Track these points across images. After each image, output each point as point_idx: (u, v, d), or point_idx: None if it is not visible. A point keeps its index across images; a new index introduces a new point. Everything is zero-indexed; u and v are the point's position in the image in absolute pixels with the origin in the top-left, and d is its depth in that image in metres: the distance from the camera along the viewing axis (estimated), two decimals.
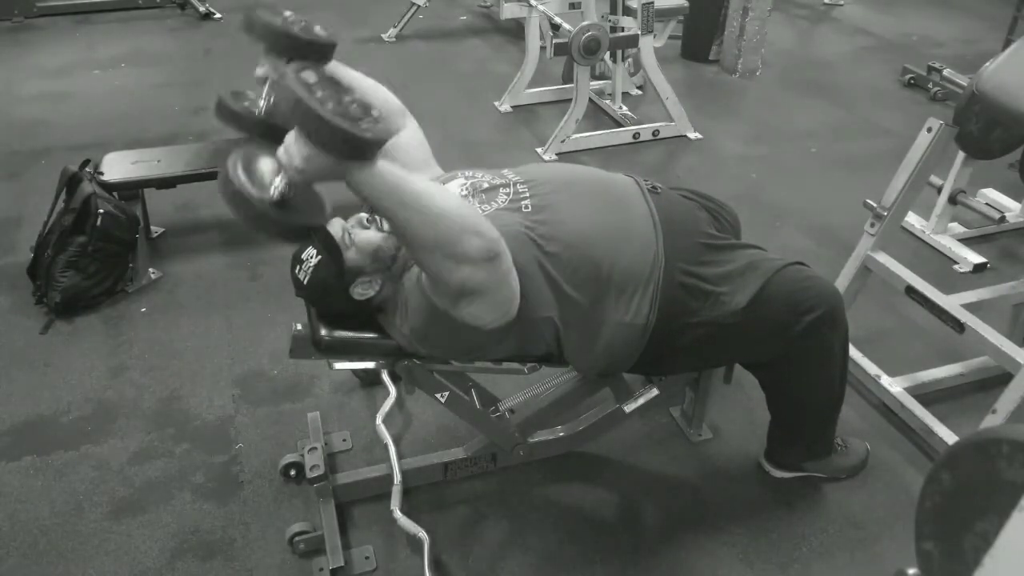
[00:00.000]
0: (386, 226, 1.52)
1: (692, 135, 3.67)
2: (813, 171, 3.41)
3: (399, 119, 1.63)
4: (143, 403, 2.14)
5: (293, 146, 1.14)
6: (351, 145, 1.12)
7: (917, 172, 2.00)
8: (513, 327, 1.44)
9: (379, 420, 1.95)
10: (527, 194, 1.53)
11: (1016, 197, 2.96)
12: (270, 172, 1.20)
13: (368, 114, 1.15)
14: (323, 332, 1.53)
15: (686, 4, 4.03)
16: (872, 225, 2.11)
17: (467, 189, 1.55)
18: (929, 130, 1.97)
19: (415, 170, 1.62)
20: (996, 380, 2.05)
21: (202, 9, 5.24)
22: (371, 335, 1.55)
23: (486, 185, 1.55)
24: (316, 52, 1.31)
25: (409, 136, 1.64)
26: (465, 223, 1.28)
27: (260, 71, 1.34)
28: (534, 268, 1.43)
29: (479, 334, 1.43)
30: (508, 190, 1.54)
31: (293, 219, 1.20)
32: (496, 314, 1.40)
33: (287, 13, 1.35)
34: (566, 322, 1.48)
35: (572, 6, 3.79)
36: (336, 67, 1.42)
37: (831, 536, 1.77)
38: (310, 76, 1.15)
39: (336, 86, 1.18)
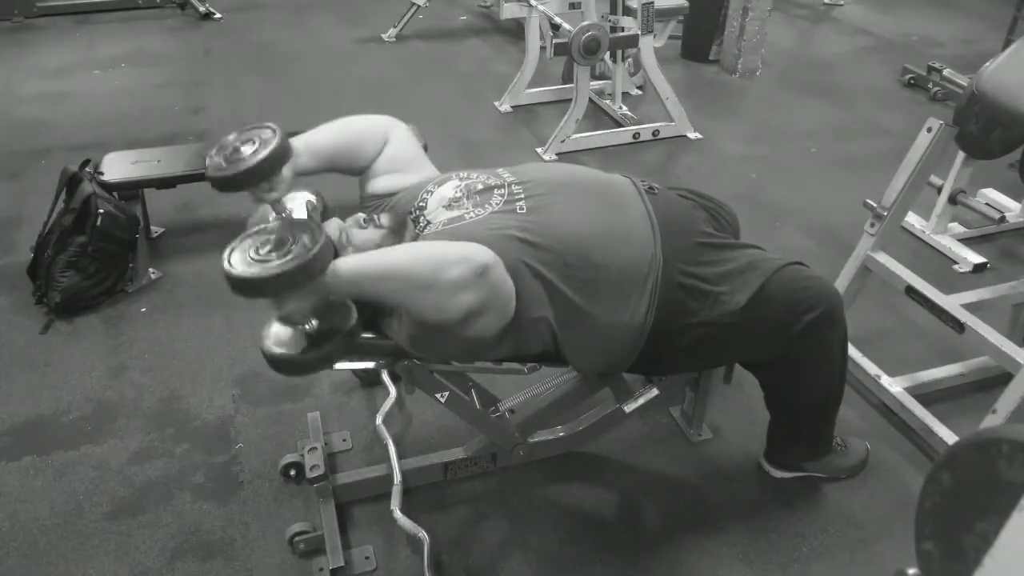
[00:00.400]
0: (383, 223, 1.53)
1: (692, 135, 3.67)
2: (813, 171, 3.41)
3: (377, 139, 1.66)
4: (143, 403, 2.14)
5: (273, 305, 1.29)
6: (297, 278, 1.19)
7: (917, 172, 2.00)
8: (508, 329, 1.44)
9: (379, 420, 1.95)
10: (522, 195, 1.53)
11: (1016, 197, 2.96)
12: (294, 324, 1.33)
13: (304, 230, 1.23)
14: None
15: (686, 4, 4.02)
16: (872, 225, 2.11)
17: (461, 191, 1.55)
18: (929, 130, 1.97)
19: (409, 172, 1.64)
20: (996, 380, 2.05)
21: (202, 9, 5.24)
22: (371, 335, 1.55)
23: (480, 187, 1.55)
24: (255, 179, 1.36)
25: (397, 144, 1.67)
26: (439, 259, 1.33)
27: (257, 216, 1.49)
28: (525, 269, 1.43)
29: (475, 339, 1.43)
30: (503, 191, 1.54)
31: (335, 343, 1.30)
32: (499, 319, 1.41)
33: (224, 149, 1.38)
34: (563, 322, 1.48)
35: (572, 6, 3.79)
36: (303, 144, 1.47)
37: (831, 536, 1.77)
38: (244, 243, 1.29)
39: (262, 232, 1.28)
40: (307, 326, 1.29)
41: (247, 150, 1.35)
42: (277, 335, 1.31)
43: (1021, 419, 1.81)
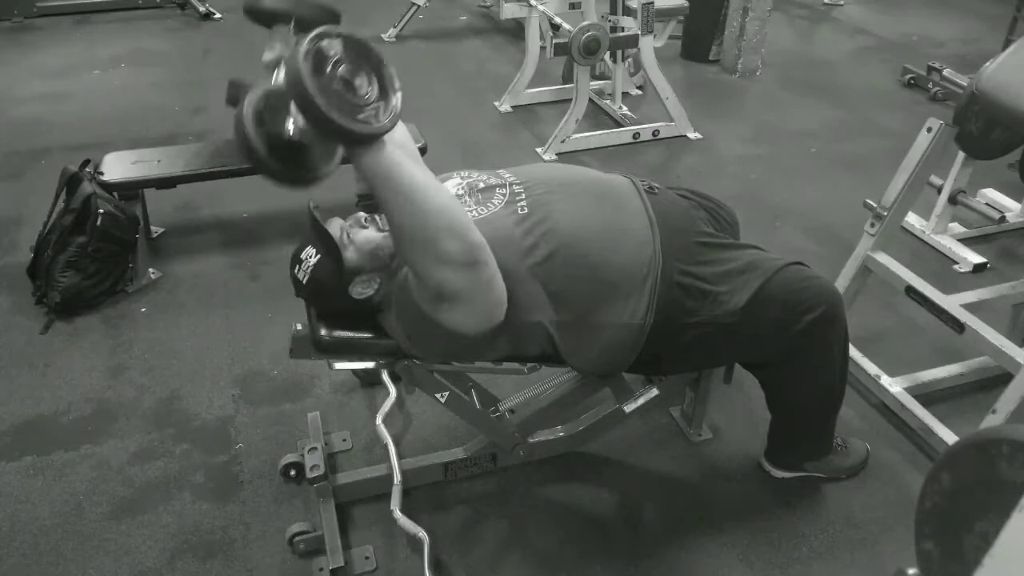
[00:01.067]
0: (385, 224, 1.53)
1: (692, 135, 3.67)
2: (813, 171, 3.41)
3: None
4: (143, 403, 2.14)
5: (296, 119, 1.17)
6: (341, 136, 1.12)
7: (917, 172, 2.00)
8: (504, 330, 1.43)
9: (379, 420, 1.95)
10: (523, 195, 1.53)
11: (1016, 197, 2.96)
12: (288, 112, 1.19)
13: (381, 98, 1.13)
14: (323, 332, 1.54)
15: (686, 4, 4.02)
16: (872, 225, 2.11)
17: (463, 189, 1.55)
18: (929, 130, 1.97)
19: None
20: (996, 380, 2.05)
21: (202, 9, 5.24)
22: (371, 335, 1.55)
23: (482, 186, 1.55)
24: (319, 17, 1.26)
25: (400, 134, 1.64)
26: (451, 223, 1.28)
27: (268, 56, 1.31)
28: (524, 272, 1.42)
29: (460, 340, 1.43)
30: (504, 191, 1.54)
31: (295, 170, 1.20)
32: (477, 320, 1.40)
33: None
34: (562, 323, 1.48)
35: (572, 6, 3.79)
36: None
37: (831, 536, 1.77)
38: (332, 46, 1.11)
39: (358, 60, 1.14)
40: (292, 131, 1.18)
41: None
42: (260, 109, 1.18)
43: (1021, 419, 1.81)
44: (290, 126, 1.17)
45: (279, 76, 1.27)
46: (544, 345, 1.51)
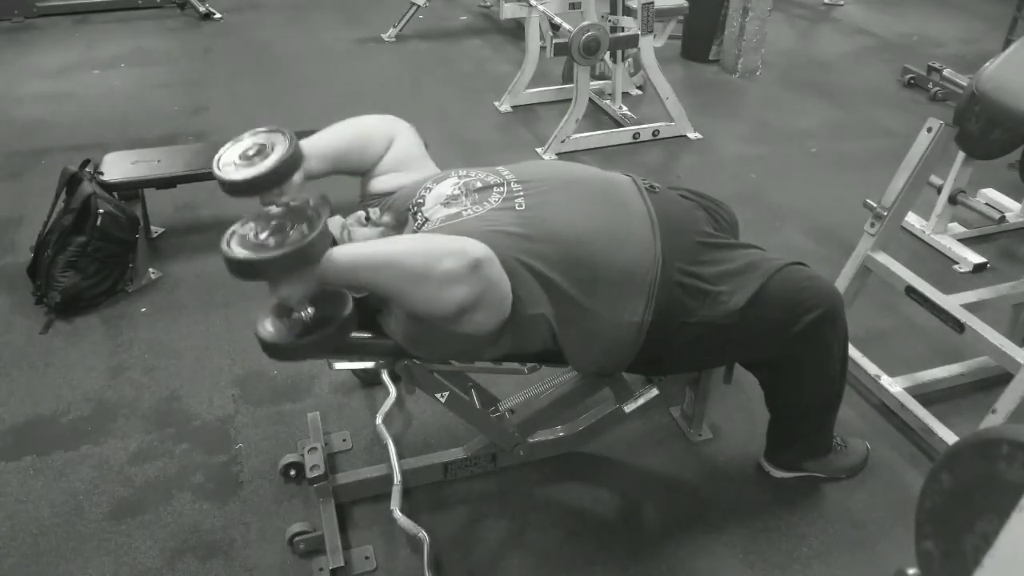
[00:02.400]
0: (380, 219, 1.53)
1: (692, 135, 3.67)
2: (813, 171, 3.41)
3: (382, 140, 1.67)
4: (143, 403, 2.14)
5: (270, 289, 1.27)
6: (293, 262, 1.20)
7: (917, 172, 2.00)
8: (507, 325, 1.43)
9: (379, 420, 1.95)
10: (521, 193, 1.52)
11: (1016, 197, 2.96)
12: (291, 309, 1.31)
13: (303, 218, 1.23)
14: None
15: (686, 4, 4.02)
16: (872, 225, 2.11)
17: (460, 188, 1.55)
18: (929, 130, 1.97)
19: (410, 171, 1.65)
20: (996, 380, 2.05)
21: (202, 9, 5.24)
22: (371, 335, 1.55)
23: (479, 184, 1.55)
24: (268, 184, 1.35)
25: (401, 143, 1.68)
26: (433, 251, 1.33)
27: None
28: (520, 266, 1.42)
29: (474, 340, 1.43)
30: (502, 189, 1.54)
31: (330, 327, 1.30)
32: (496, 317, 1.40)
33: (240, 148, 1.38)
34: (562, 319, 1.48)
35: (572, 6, 3.79)
36: (309, 147, 1.46)
37: (831, 536, 1.77)
38: (244, 228, 1.26)
39: (264, 217, 1.27)
40: (303, 313, 1.29)
41: (259, 155, 1.34)
42: (273, 320, 1.31)
43: (1021, 419, 1.81)
44: (294, 318, 1.29)
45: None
46: (546, 339, 1.51)
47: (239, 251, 1.21)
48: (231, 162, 1.37)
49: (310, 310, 1.29)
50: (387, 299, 1.43)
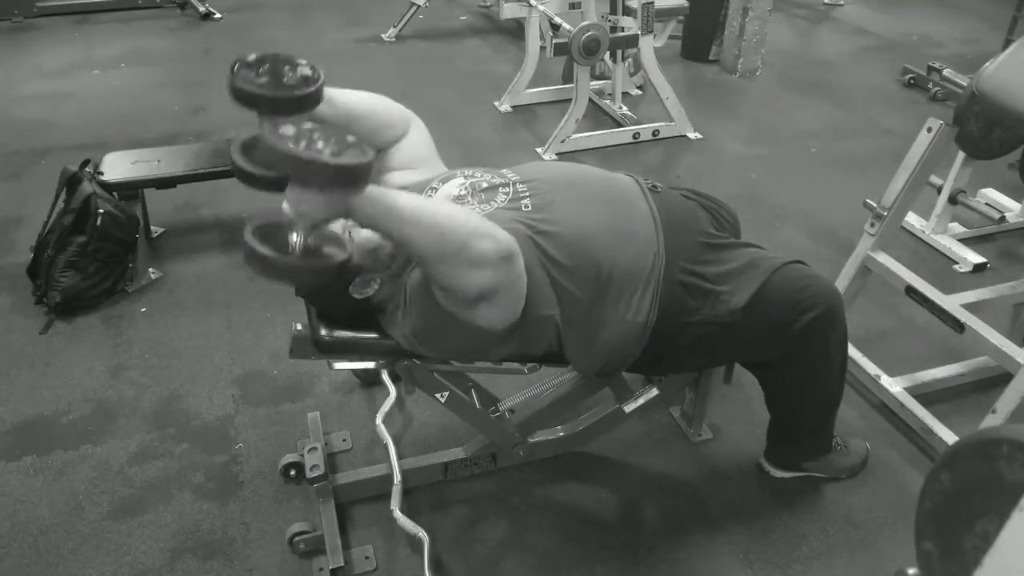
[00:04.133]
0: None
1: (692, 135, 3.67)
2: (813, 171, 3.41)
3: (400, 125, 1.64)
4: (143, 403, 2.14)
5: (291, 195, 1.18)
6: (336, 176, 1.13)
7: (917, 172, 2.00)
8: (515, 327, 1.43)
9: (379, 420, 1.95)
10: (526, 193, 1.52)
11: (1016, 197, 2.96)
12: (286, 231, 1.22)
13: (348, 146, 1.17)
14: (323, 332, 1.53)
15: (686, 4, 4.03)
16: (872, 225, 2.11)
17: (466, 188, 1.55)
18: (929, 130, 1.97)
19: (421, 168, 1.64)
20: (996, 380, 2.05)
21: (202, 9, 5.25)
22: (371, 335, 1.55)
23: (485, 185, 1.55)
24: (295, 105, 1.30)
25: (415, 138, 1.66)
26: (473, 228, 1.29)
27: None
28: (536, 265, 1.42)
29: (485, 336, 1.43)
30: (507, 189, 1.54)
31: (322, 262, 1.22)
32: (508, 314, 1.40)
33: (263, 64, 1.31)
34: (567, 320, 1.48)
35: (572, 6, 3.79)
36: (331, 95, 1.39)
37: (831, 536, 1.77)
38: (288, 129, 1.16)
39: (312, 131, 1.18)
40: (299, 238, 1.19)
41: (290, 77, 1.28)
42: (263, 231, 1.20)
43: (1021, 419, 1.81)
44: (292, 239, 1.20)
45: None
46: (551, 341, 1.51)
47: (290, 145, 1.10)
48: (252, 72, 1.28)
49: (308, 239, 1.20)
50: (407, 254, 1.35)
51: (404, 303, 1.48)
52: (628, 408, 1.79)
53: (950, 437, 1.91)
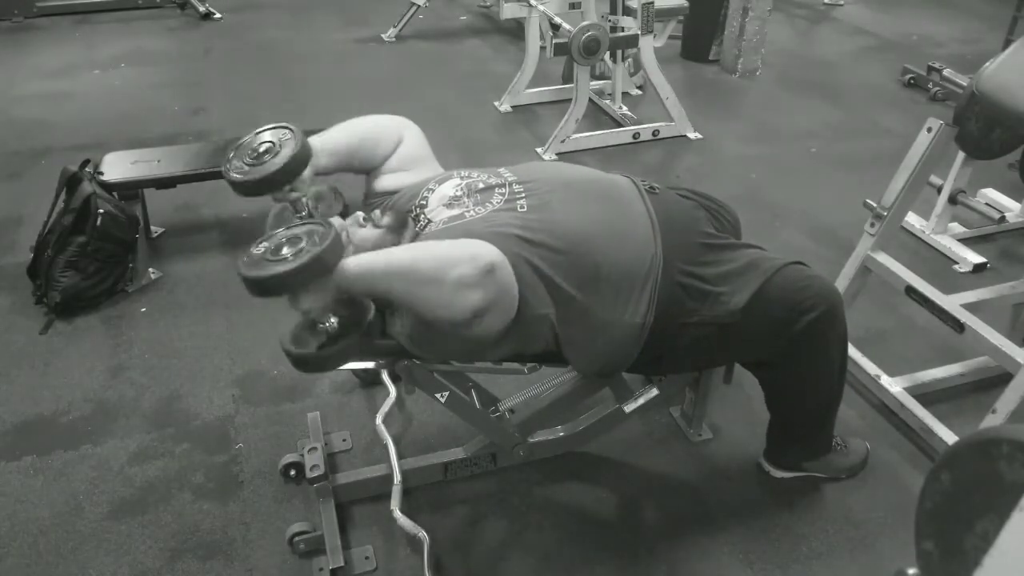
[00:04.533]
0: (380, 221, 1.54)
1: (692, 135, 3.67)
2: (813, 171, 3.41)
3: (392, 138, 1.68)
4: (143, 403, 2.14)
5: (291, 303, 1.28)
6: (301, 276, 1.21)
7: (917, 172, 2.00)
8: (511, 327, 1.43)
9: (379, 420, 1.95)
10: (523, 194, 1.53)
11: (1016, 197, 2.96)
12: (313, 324, 1.33)
13: (303, 242, 1.24)
14: None
15: (686, 4, 4.03)
16: (872, 225, 2.11)
17: (462, 189, 1.55)
18: (929, 130, 1.97)
19: (417, 172, 1.65)
20: (996, 380, 2.05)
21: (202, 9, 5.25)
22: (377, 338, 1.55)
23: (481, 185, 1.55)
24: (278, 182, 1.39)
25: (409, 143, 1.68)
26: (446, 257, 1.33)
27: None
28: (526, 268, 1.42)
29: (479, 338, 1.43)
30: (504, 190, 1.54)
31: (354, 335, 1.32)
32: (505, 318, 1.41)
33: (248, 147, 1.42)
34: (564, 320, 1.48)
35: (572, 6, 3.79)
36: (319, 147, 1.48)
37: (831, 536, 1.77)
38: (257, 249, 1.27)
39: (278, 239, 1.27)
40: (327, 323, 1.30)
41: (268, 154, 1.36)
42: (297, 333, 1.33)
43: (1021, 419, 1.81)
44: (320, 330, 1.31)
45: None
46: (548, 340, 1.51)
47: (254, 270, 1.22)
48: (241, 161, 1.38)
49: (333, 320, 1.30)
50: (401, 305, 1.43)
51: (399, 309, 1.48)
52: (628, 408, 1.79)
53: (950, 437, 1.91)
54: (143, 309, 2.51)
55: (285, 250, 1.23)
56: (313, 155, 1.42)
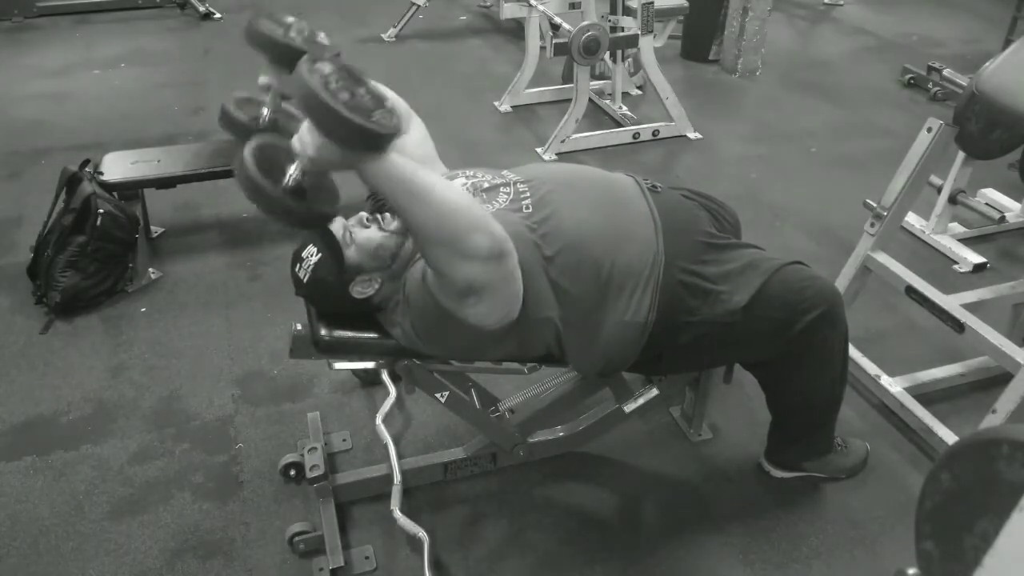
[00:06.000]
0: (388, 225, 1.53)
1: (692, 135, 3.67)
2: (813, 171, 3.41)
3: (405, 118, 1.63)
4: (143, 403, 2.14)
5: (307, 136, 1.16)
6: (363, 138, 1.13)
7: (917, 172, 2.00)
8: (513, 328, 1.44)
9: (379, 420, 1.95)
10: (527, 194, 1.53)
11: (1016, 197, 2.96)
12: (285, 160, 1.20)
13: (381, 106, 1.16)
14: (323, 332, 1.53)
15: (686, 4, 4.03)
16: (872, 225, 2.11)
17: (468, 189, 1.55)
18: (929, 130, 1.97)
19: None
20: (996, 380, 2.05)
21: (202, 9, 5.24)
22: (371, 335, 1.55)
23: (487, 185, 1.55)
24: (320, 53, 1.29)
25: (416, 137, 1.66)
26: (473, 220, 1.30)
27: (263, 80, 1.37)
28: (536, 268, 1.43)
29: (479, 334, 1.43)
30: (508, 190, 1.54)
31: (308, 207, 1.21)
32: (500, 314, 1.40)
33: (289, 19, 1.33)
34: (566, 321, 1.48)
35: (572, 6, 3.79)
36: None
37: (831, 536, 1.77)
38: (325, 66, 1.15)
39: (350, 76, 1.18)
40: (294, 175, 1.18)
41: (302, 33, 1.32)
42: (263, 151, 1.19)
43: (1021, 419, 1.81)
44: (290, 171, 1.18)
45: (274, 108, 1.35)
46: (550, 343, 1.51)
47: (324, 92, 1.09)
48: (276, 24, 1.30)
49: (304, 179, 1.18)
50: (405, 224, 1.36)
51: (403, 300, 1.49)
52: (628, 408, 1.79)
53: (950, 437, 1.91)
54: (143, 309, 2.51)
55: (355, 96, 1.11)
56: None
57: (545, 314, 1.45)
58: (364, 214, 1.56)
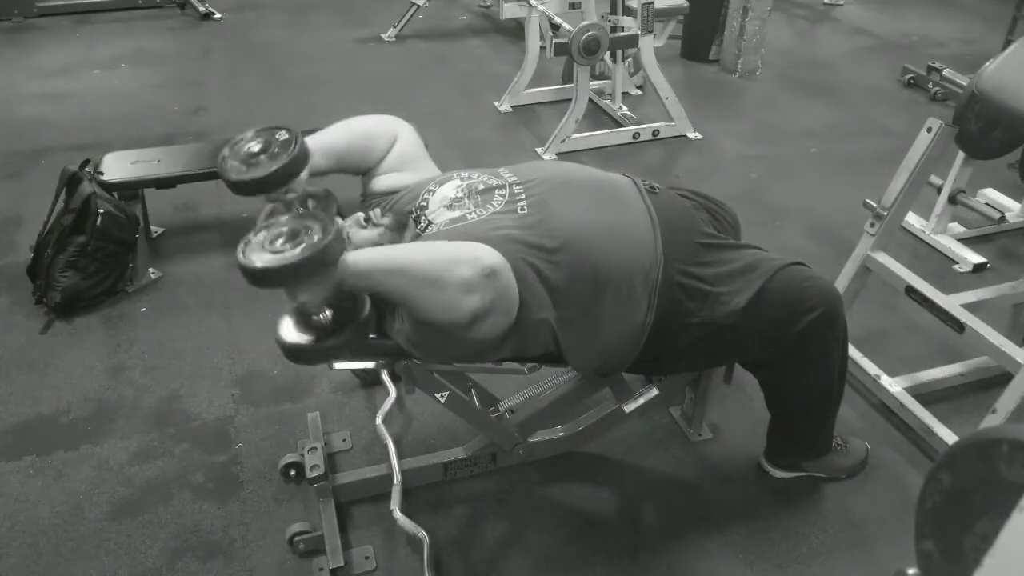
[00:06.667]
0: (380, 219, 1.54)
1: (692, 135, 3.67)
2: (813, 171, 3.41)
3: (385, 138, 1.68)
4: (143, 403, 2.14)
5: (288, 295, 1.27)
6: (302, 270, 1.19)
7: (917, 172, 2.00)
8: (512, 330, 1.43)
9: (379, 420, 1.95)
10: (523, 195, 1.53)
11: (1016, 197, 2.96)
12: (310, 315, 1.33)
13: (304, 233, 1.21)
14: None
15: (686, 4, 4.02)
16: (872, 225, 2.11)
17: (463, 191, 1.55)
18: (929, 130, 1.97)
19: (412, 171, 1.65)
20: (996, 380, 2.05)
21: (202, 9, 5.24)
22: (371, 335, 1.55)
23: (482, 187, 1.55)
24: (276, 183, 1.37)
25: (403, 142, 1.68)
26: (448, 257, 1.34)
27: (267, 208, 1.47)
28: (528, 271, 1.42)
29: (481, 345, 1.43)
30: (504, 191, 1.54)
31: (353, 333, 1.31)
32: (505, 322, 1.41)
33: (248, 135, 1.41)
34: (564, 322, 1.48)
35: (572, 6, 3.79)
36: (312, 147, 1.44)
37: (831, 536, 1.77)
38: (259, 236, 1.24)
39: (277, 228, 1.24)
40: (321, 316, 1.30)
41: (265, 154, 1.35)
42: (292, 325, 1.33)
43: (1021, 419, 1.81)
44: (323, 316, 1.31)
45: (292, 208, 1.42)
46: (548, 344, 1.51)
47: (256, 260, 1.19)
48: (237, 161, 1.37)
49: (328, 313, 1.30)
50: (400, 304, 1.42)
51: (398, 309, 1.48)
52: (628, 408, 1.79)
53: (950, 437, 1.91)
54: (143, 309, 2.51)
55: (285, 242, 1.20)
56: (309, 156, 1.41)
57: (541, 315, 1.45)
58: (361, 215, 1.56)
